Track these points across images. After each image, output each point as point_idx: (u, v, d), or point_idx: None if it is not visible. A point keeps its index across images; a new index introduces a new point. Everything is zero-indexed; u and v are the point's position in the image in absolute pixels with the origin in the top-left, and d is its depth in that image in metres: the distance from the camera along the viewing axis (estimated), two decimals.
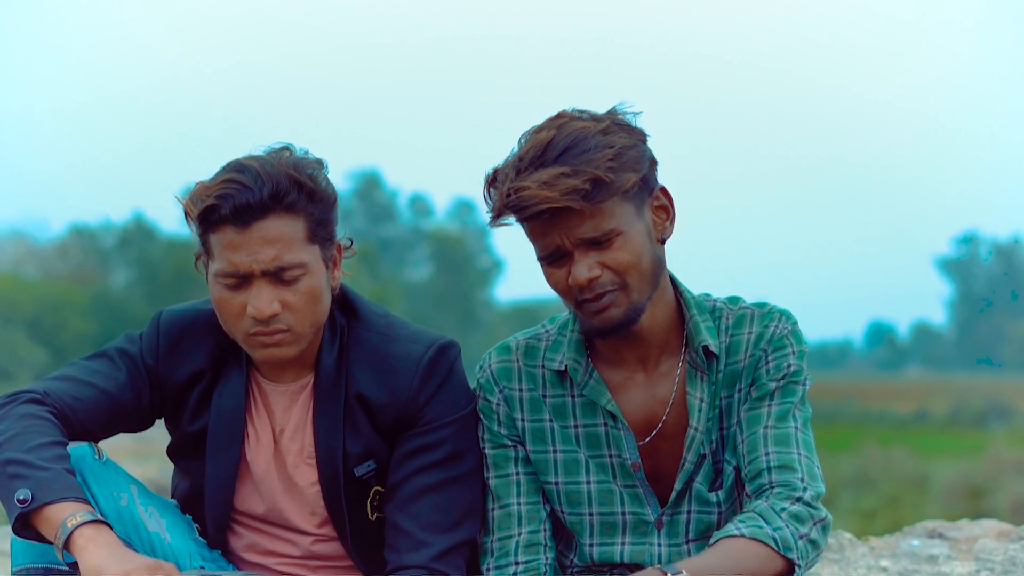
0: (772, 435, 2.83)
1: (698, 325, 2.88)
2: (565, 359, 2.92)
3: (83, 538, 2.65)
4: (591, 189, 2.71)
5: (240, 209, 2.80)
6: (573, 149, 2.74)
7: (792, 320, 2.92)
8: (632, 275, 2.78)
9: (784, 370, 2.87)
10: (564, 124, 2.78)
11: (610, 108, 2.84)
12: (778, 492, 2.76)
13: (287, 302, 2.84)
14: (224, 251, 2.83)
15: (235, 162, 2.86)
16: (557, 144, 2.75)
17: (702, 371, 2.89)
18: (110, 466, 2.94)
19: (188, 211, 2.85)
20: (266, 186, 2.80)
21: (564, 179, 2.71)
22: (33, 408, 2.81)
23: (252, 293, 2.83)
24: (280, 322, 2.84)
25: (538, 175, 2.72)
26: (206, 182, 2.85)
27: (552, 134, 2.76)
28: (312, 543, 3.03)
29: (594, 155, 2.73)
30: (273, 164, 2.83)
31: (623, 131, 2.78)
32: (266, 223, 2.81)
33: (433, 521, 2.89)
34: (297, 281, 2.84)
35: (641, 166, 2.78)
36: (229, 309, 2.86)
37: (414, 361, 2.93)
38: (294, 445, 2.99)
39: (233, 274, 2.83)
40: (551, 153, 2.74)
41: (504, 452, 2.95)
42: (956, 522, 4.53)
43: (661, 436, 2.90)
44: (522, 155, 2.76)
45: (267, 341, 2.86)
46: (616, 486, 2.92)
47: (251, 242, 2.81)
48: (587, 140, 2.74)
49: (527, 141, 2.78)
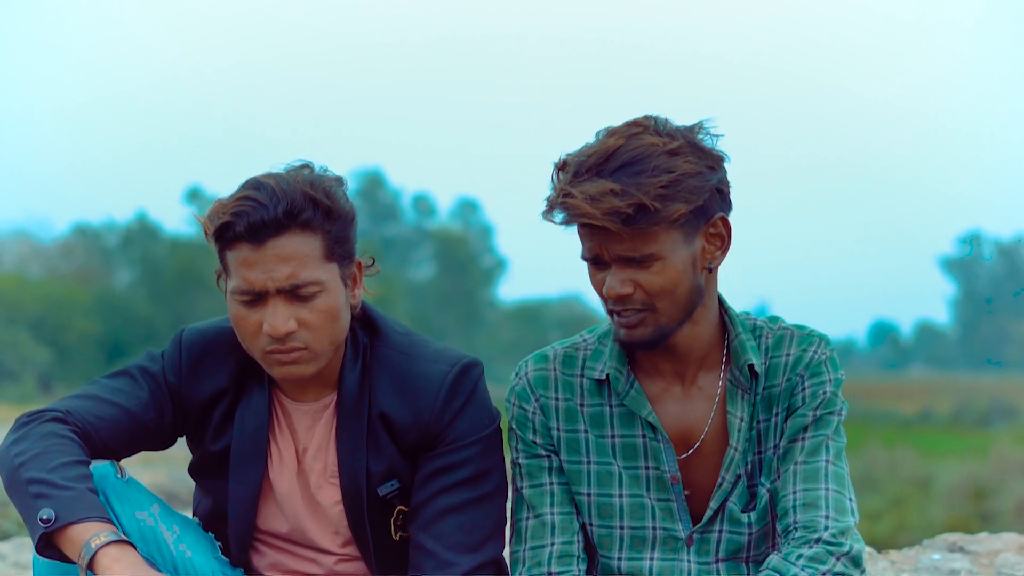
0: (801, 471, 2.82)
1: (744, 344, 2.87)
2: (607, 368, 2.91)
3: (107, 558, 2.64)
4: (633, 214, 2.69)
5: (254, 226, 2.79)
6: (632, 166, 2.71)
7: (830, 346, 2.91)
8: (663, 300, 2.77)
9: (820, 398, 2.86)
10: (635, 135, 2.74)
11: (695, 123, 2.80)
12: (799, 537, 2.76)
13: (303, 320, 2.83)
14: (239, 268, 2.82)
15: (252, 180, 2.86)
16: (619, 156, 2.72)
17: (744, 389, 2.88)
18: (133, 485, 2.93)
19: (206, 229, 2.85)
20: (281, 203, 2.79)
21: (610, 198, 2.68)
22: (56, 427, 2.80)
23: (268, 311, 2.82)
24: (296, 340, 2.83)
25: (588, 186, 2.70)
26: (224, 199, 2.84)
27: (620, 143, 2.73)
28: (335, 563, 3.01)
29: (648, 179, 2.69)
30: (289, 181, 2.82)
31: (694, 155, 2.75)
32: (281, 240, 2.80)
33: (458, 541, 2.88)
34: (313, 299, 2.83)
35: (697, 196, 2.74)
36: (246, 327, 2.85)
37: (437, 380, 2.92)
38: (317, 464, 2.97)
39: (248, 291, 2.82)
40: (611, 164, 2.72)
41: (539, 462, 2.94)
42: (976, 535, 4.53)
43: (698, 453, 2.90)
44: (587, 157, 2.74)
45: (284, 359, 2.85)
46: (649, 499, 2.91)
47: (266, 260, 2.80)
48: (649, 160, 2.71)
49: (597, 144, 2.76)
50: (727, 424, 2.89)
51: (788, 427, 2.86)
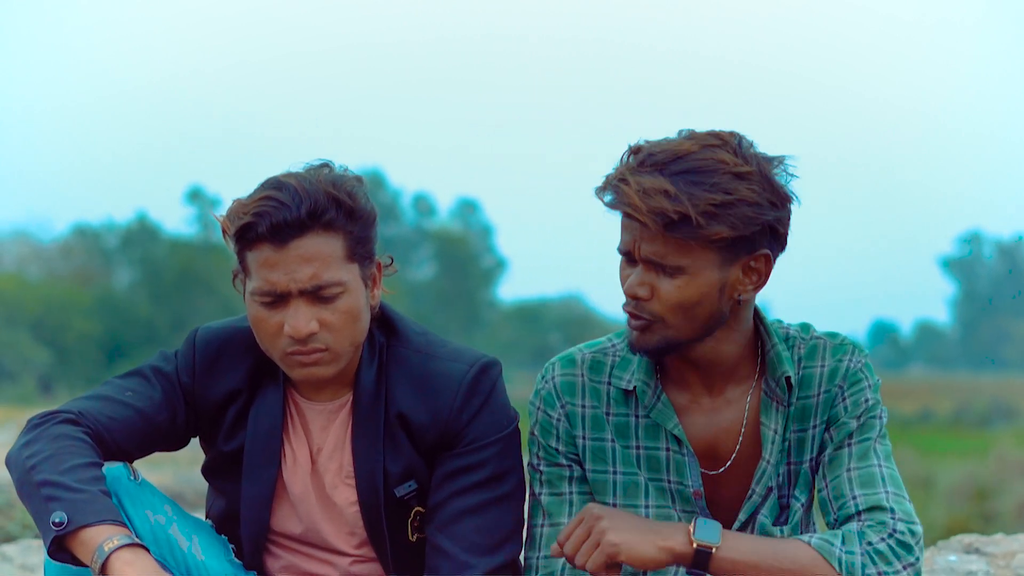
0: (856, 477, 2.77)
1: (780, 355, 2.82)
2: (634, 379, 2.86)
3: (120, 562, 2.61)
4: (676, 221, 2.64)
5: (277, 227, 2.76)
6: (694, 175, 2.66)
7: (864, 352, 2.86)
8: (677, 315, 2.72)
9: (862, 405, 2.82)
10: (711, 147, 2.69)
11: (777, 156, 2.73)
12: (870, 525, 2.71)
13: (325, 321, 2.80)
14: (261, 269, 2.79)
15: (273, 179, 2.82)
16: (686, 160, 2.67)
17: (779, 402, 2.83)
18: (146, 487, 2.90)
19: (225, 229, 2.82)
20: (304, 204, 2.76)
21: (660, 197, 2.64)
22: (68, 428, 2.77)
23: (289, 312, 2.79)
24: (318, 341, 2.80)
25: (646, 180, 2.65)
26: (243, 199, 2.81)
27: (692, 149, 2.68)
28: (351, 564, 2.99)
29: (704, 192, 2.64)
30: (311, 181, 2.79)
31: (760, 184, 2.68)
32: (304, 241, 2.77)
33: (475, 543, 2.85)
34: (335, 300, 2.80)
35: (745, 225, 2.66)
36: (266, 328, 2.82)
37: (456, 380, 2.89)
38: (332, 465, 2.94)
39: (270, 292, 2.79)
40: (675, 166, 2.67)
41: (559, 471, 2.90)
42: (992, 536, 4.49)
43: (729, 468, 2.85)
44: (658, 151, 2.69)
45: (305, 360, 2.82)
46: (675, 511, 2.86)
47: (288, 260, 2.77)
48: (713, 175, 2.65)
49: (673, 142, 2.71)
50: (759, 436, 2.84)
51: (833, 435, 2.81)
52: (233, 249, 2.84)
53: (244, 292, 2.86)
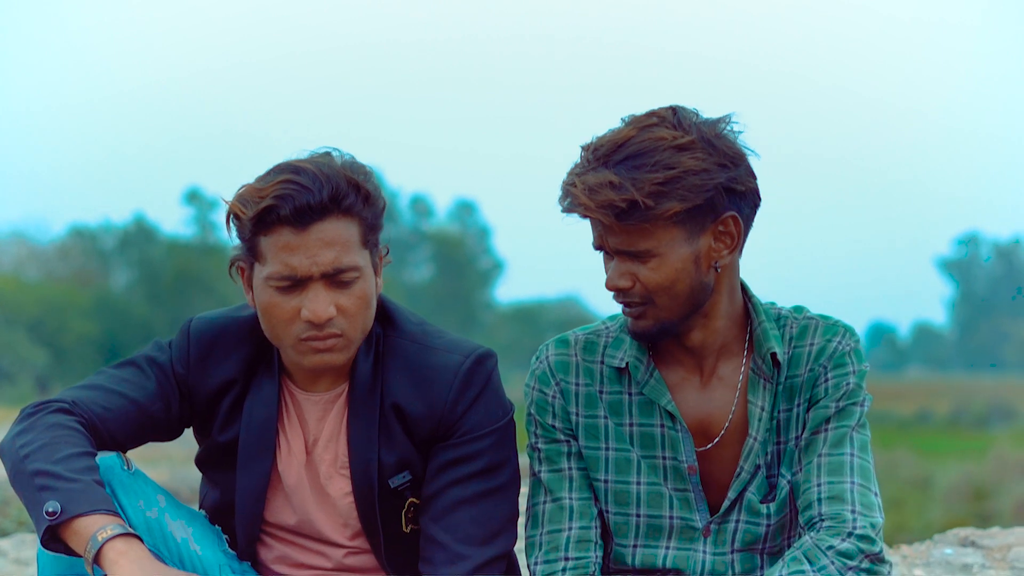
0: (825, 464, 2.78)
1: (767, 332, 2.84)
2: (627, 356, 2.87)
3: (114, 552, 2.60)
4: (626, 209, 2.67)
5: (300, 210, 2.75)
6: (635, 159, 2.68)
7: (856, 338, 2.87)
8: (661, 296, 2.75)
9: (843, 389, 2.82)
10: (648, 127, 2.71)
11: (720, 117, 2.76)
12: (828, 526, 2.72)
13: (341, 306, 2.80)
14: (280, 253, 2.77)
15: (287, 164, 2.81)
16: (627, 147, 2.69)
17: (766, 379, 2.84)
18: (139, 476, 2.90)
19: (238, 213, 2.79)
20: (325, 188, 2.76)
21: (606, 191, 2.67)
22: (62, 418, 2.77)
23: (308, 296, 2.78)
24: (334, 326, 2.80)
25: (590, 177, 2.69)
26: (256, 184, 2.79)
27: (631, 135, 2.70)
28: (344, 556, 2.98)
29: (645, 174, 2.66)
30: (329, 166, 2.79)
31: (704, 151, 2.70)
32: (325, 225, 2.77)
33: (470, 534, 2.84)
34: (352, 285, 2.80)
35: (696, 194, 2.68)
36: (280, 314, 2.80)
37: (451, 371, 2.89)
38: (327, 455, 2.94)
39: (290, 277, 2.78)
40: (617, 155, 2.70)
41: (557, 447, 2.90)
42: (987, 530, 4.50)
43: (718, 443, 2.86)
44: (599, 144, 2.72)
45: (319, 347, 2.81)
46: (666, 489, 2.88)
47: (309, 244, 2.76)
48: (654, 154, 2.68)
49: (613, 132, 2.74)
50: (748, 414, 2.85)
51: (810, 418, 2.83)
52: (243, 235, 2.82)
53: (249, 280, 2.85)
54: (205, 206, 40.24)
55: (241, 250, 2.85)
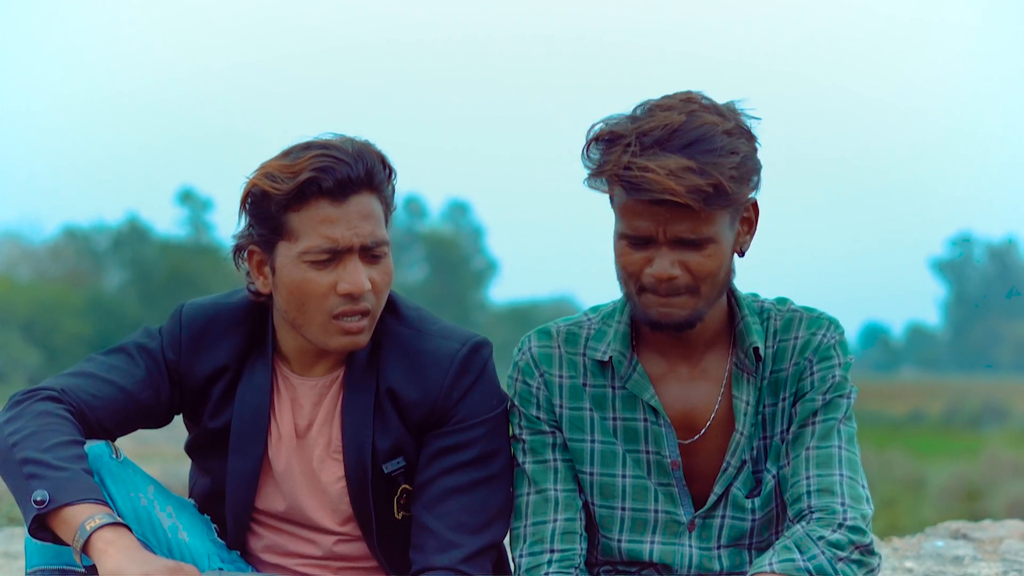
0: (814, 456, 2.77)
1: (749, 326, 2.83)
2: (610, 350, 2.86)
3: (102, 541, 2.59)
4: (712, 194, 2.64)
5: (341, 182, 2.75)
6: (700, 144, 2.65)
7: (840, 330, 2.86)
8: (707, 284, 2.73)
9: (830, 382, 2.81)
10: (695, 112, 2.68)
11: (728, 103, 2.74)
12: (818, 518, 2.71)
13: (373, 280, 2.81)
14: (319, 226, 2.76)
15: (312, 141, 2.81)
16: (686, 132, 2.66)
17: (749, 373, 2.83)
18: (127, 465, 2.89)
19: (269, 190, 2.76)
20: (360, 162, 2.77)
21: (690, 175, 2.62)
22: (50, 406, 2.76)
23: (347, 269, 2.78)
24: (367, 300, 2.80)
25: (664, 161, 2.63)
26: (284, 161, 2.78)
27: (682, 119, 2.66)
28: (335, 543, 2.97)
29: (720, 159, 2.64)
30: (355, 143, 2.80)
31: (744, 136, 2.71)
32: (361, 198, 2.78)
33: (462, 522, 2.83)
34: (381, 260, 2.82)
35: (756, 179, 2.71)
36: (314, 289, 2.79)
37: (447, 358, 2.88)
38: (321, 439, 2.93)
39: (330, 249, 2.77)
40: (678, 140, 2.65)
41: (542, 438, 2.89)
42: (979, 522, 4.50)
43: (703, 437, 2.85)
44: (646, 129, 2.67)
45: (352, 327, 2.80)
46: (651, 483, 2.86)
47: (349, 216, 2.77)
48: (714, 139, 2.66)
49: (651, 116, 2.69)
50: (733, 408, 2.84)
51: (797, 412, 2.82)
52: (266, 214, 2.78)
53: (260, 264, 2.83)
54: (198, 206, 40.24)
55: (253, 233, 2.83)
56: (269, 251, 2.82)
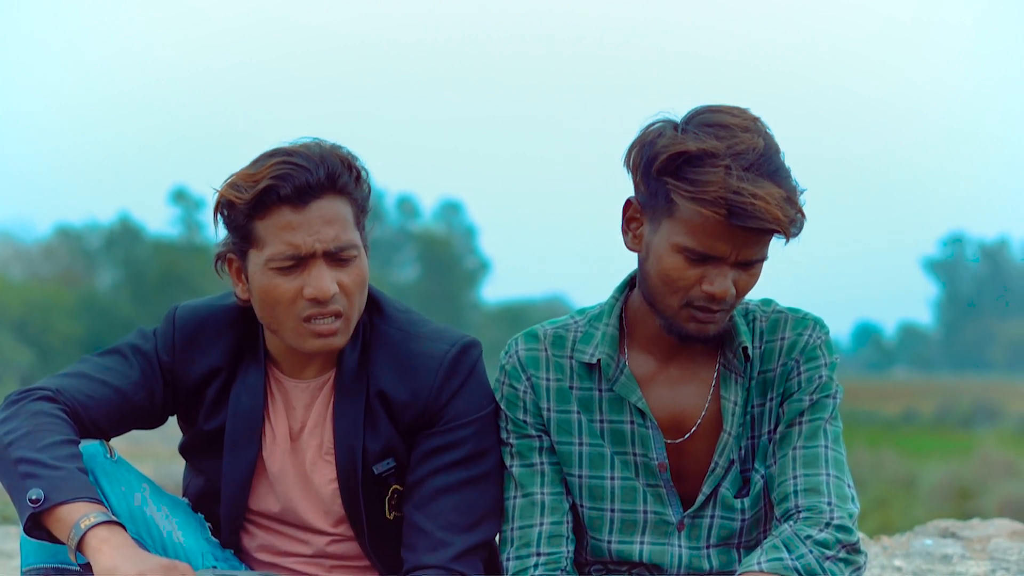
0: (801, 456, 2.80)
1: (738, 326, 2.85)
2: (598, 352, 2.87)
3: (97, 539, 2.61)
4: (799, 221, 2.70)
5: (300, 188, 2.77)
6: (782, 172, 2.69)
7: (825, 329, 2.88)
8: (742, 300, 2.78)
9: (816, 382, 2.84)
10: (761, 134, 2.70)
11: None
12: (805, 517, 2.73)
13: (342, 284, 2.82)
14: (281, 233, 2.79)
15: (277, 148, 2.84)
16: (769, 158, 2.68)
17: (738, 373, 2.85)
18: (122, 464, 2.90)
19: (232, 199, 2.80)
20: (321, 167, 2.79)
21: (787, 205, 2.65)
22: (45, 405, 2.77)
23: (312, 275, 2.80)
24: (336, 303, 2.81)
25: (770, 189, 2.64)
26: (247, 170, 2.81)
27: (761, 143, 2.67)
28: (327, 543, 2.98)
29: (794, 187, 2.69)
30: (320, 147, 2.83)
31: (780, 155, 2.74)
32: (323, 203, 2.79)
33: (452, 521, 2.85)
34: (350, 263, 2.83)
35: None
36: (281, 295, 2.81)
37: (436, 359, 2.90)
38: (313, 441, 2.94)
39: (293, 256, 2.79)
40: (767, 166, 2.67)
41: (529, 442, 2.90)
42: (968, 521, 4.52)
43: (691, 438, 2.87)
44: (739, 151, 2.65)
45: (322, 329, 2.82)
46: (639, 484, 2.88)
47: (311, 221, 2.78)
48: (784, 166, 2.70)
49: (734, 135, 2.67)
50: (721, 409, 2.86)
51: (784, 412, 2.84)
52: (235, 222, 2.82)
53: (239, 271, 2.86)
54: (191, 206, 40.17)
55: (229, 242, 2.86)
56: (243, 259, 2.85)
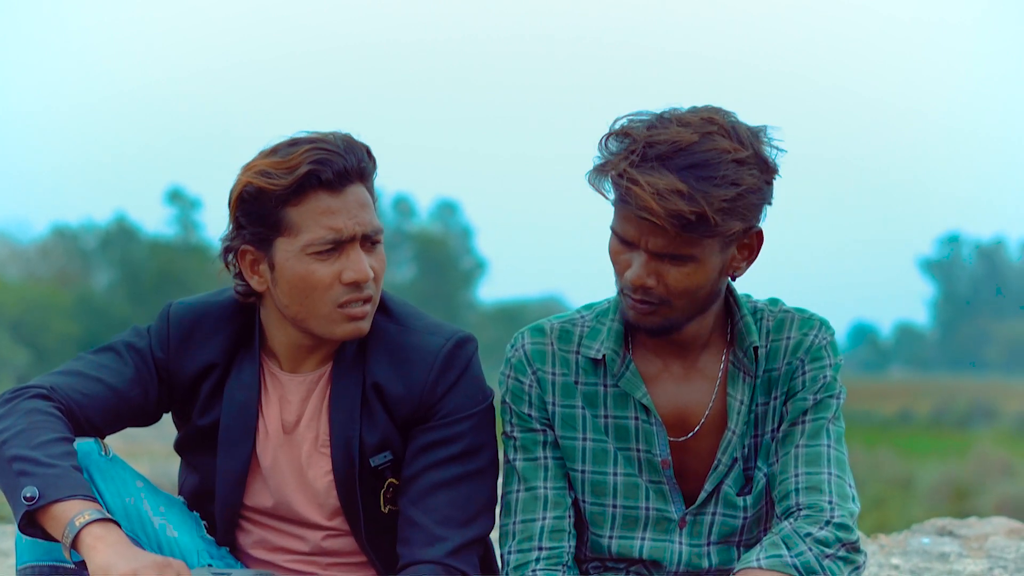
0: (803, 455, 2.79)
1: (749, 326, 2.84)
2: (604, 348, 2.87)
3: (91, 537, 2.60)
4: (694, 222, 2.63)
5: (339, 173, 2.80)
6: (701, 169, 2.64)
7: (831, 331, 2.88)
8: (681, 300, 2.74)
9: (820, 381, 2.83)
10: (710, 135, 2.66)
11: (759, 127, 2.73)
12: (806, 515, 2.73)
13: (373, 268, 2.85)
14: (320, 218, 2.80)
15: (297, 137, 2.84)
16: (692, 154, 2.64)
17: (747, 372, 2.85)
18: (116, 462, 2.90)
19: (267, 187, 2.78)
20: (351, 154, 2.81)
21: (676, 198, 2.61)
22: (40, 403, 2.77)
23: (350, 258, 2.81)
24: (370, 288, 2.84)
25: (656, 178, 2.62)
26: (275, 159, 2.80)
27: (693, 139, 2.65)
28: (323, 538, 2.98)
29: (715, 188, 2.63)
30: (339, 136, 2.84)
31: (758, 168, 2.68)
32: (356, 188, 2.83)
33: (448, 516, 2.85)
34: (378, 247, 2.87)
35: (754, 215, 2.69)
36: (319, 281, 2.82)
37: (432, 353, 2.90)
38: (309, 434, 2.94)
39: (334, 240, 2.80)
40: (681, 159, 2.64)
41: (533, 436, 2.90)
42: (965, 519, 4.52)
43: (695, 435, 2.87)
44: (655, 140, 2.66)
45: (357, 313, 2.84)
46: (642, 480, 2.88)
47: (349, 206, 2.81)
48: (719, 167, 2.64)
49: (666, 127, 2.67)
50: (726, 406, 2.86)
51: (788, 411, 2.84)
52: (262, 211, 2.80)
53: (254, 263, 2.85)
54: (187, 206, 40.19)
55: (246, 233, 2.84)
56: (265, 249, 2.84)
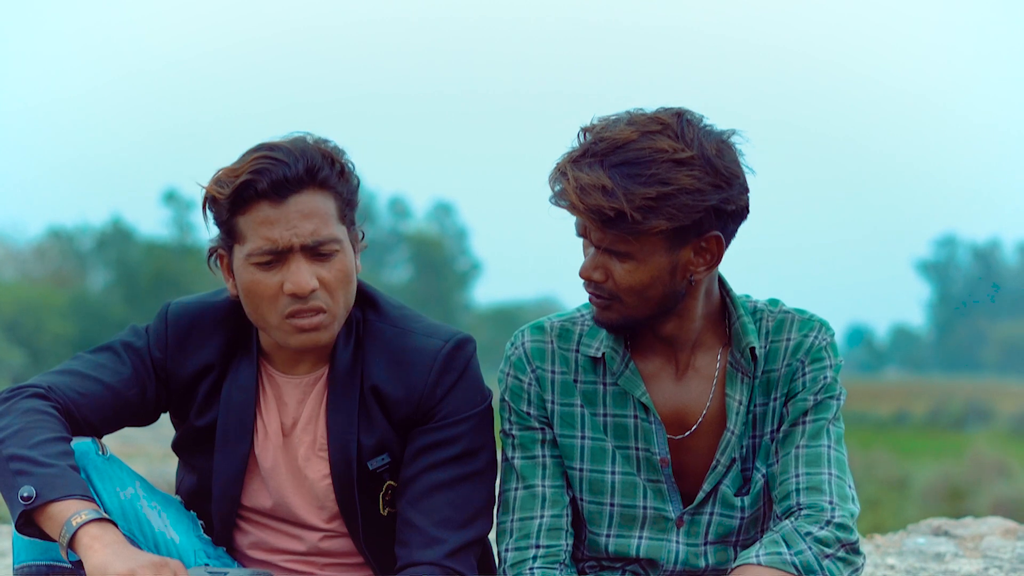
0: (804, 455, 2.80)
1: (745, 326, 2.84)
2: (603, 346, 2.87)
3: (88, 536, 2.60)
4: (613, 218, 2.66)
5: (277, 183, 2.77)
6: (630, 167, 2.65)
7: (831, 332, 2.89)
8: (631, 296, 2.74)
9: (821, 382, 2.84)
10: (649, 133, 2.67)
11: (727, 131, 2.73)
12: (806, 515, 2.73)
13: (324, 279, 2.82)
14: (260, 228, 2.79)
15: (261, 144, 2.84)
16: (626, 151, 2.66)
17: (744, 372, 2.85)
18: (114, 462, 2.90)
19: (216, 195, 2.81)
20: (300, 161, 2.79)
21: (597, 194, 2.64)
22: (37, 403, 2.77)
23: (290, 269, 2.80)
24: (317, 299, 2.81)
25: (584, 174, 2.66)
26: (231, 166, 2.82)
27: (631, 138, 2.67)
28: (320, 539, 2.98)
29: (638, 187, 2.64)
30: (303, 142, 2.83)
31: (702, 169, 2.66)
32: (302, 197, 2.79)
33: (446, 517, 2.85)
34: (332, 258, 2.83)
35: (685, 214, 2.66)
36: (263, 291, 2.82)
37: (431, 356, 2.90)
38: (307, 437, 2.94)
39: (271, 251, 2.79)
40: (614, 156, 2.66)
41: (532, 434, 2.90)
42: (961, 519, 4.52)
43: (694, 435, 2.87)
44: (600, 138, 2.69)
45: (305, 324, 2.82)
46: (640, 479, 2.88)
47: (289, 216, 2.79)
48: (651, 165, 2.65)
49: (616, 127, 2.70)
50: (725, 407, 2.86)
51: (789, 411, 2.84)
52: (220, 218, 2.83)
53: (228, 266, 2.86)
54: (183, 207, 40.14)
55: (219, 237, 2.86)
56: (229, 254, 2.86)
